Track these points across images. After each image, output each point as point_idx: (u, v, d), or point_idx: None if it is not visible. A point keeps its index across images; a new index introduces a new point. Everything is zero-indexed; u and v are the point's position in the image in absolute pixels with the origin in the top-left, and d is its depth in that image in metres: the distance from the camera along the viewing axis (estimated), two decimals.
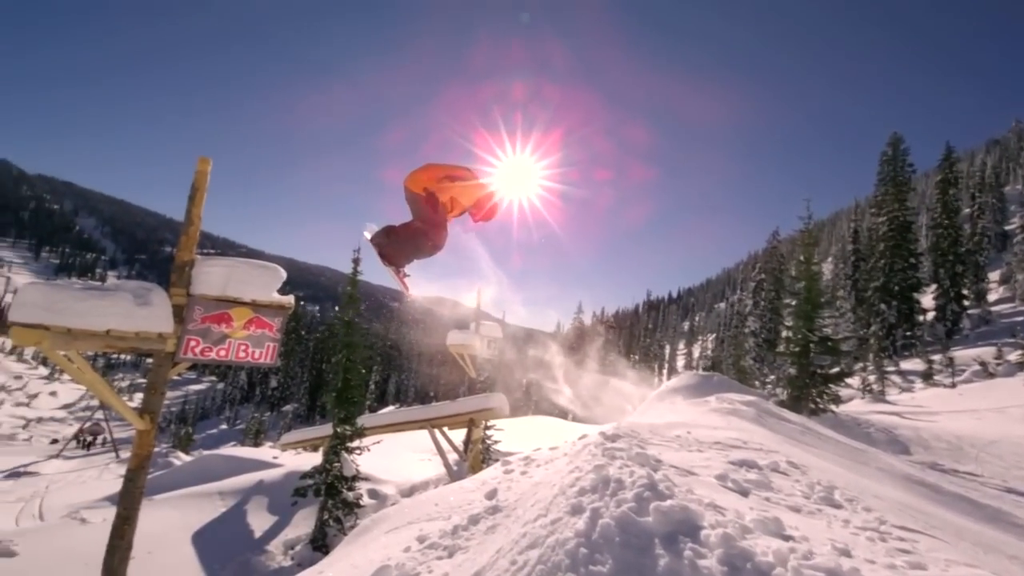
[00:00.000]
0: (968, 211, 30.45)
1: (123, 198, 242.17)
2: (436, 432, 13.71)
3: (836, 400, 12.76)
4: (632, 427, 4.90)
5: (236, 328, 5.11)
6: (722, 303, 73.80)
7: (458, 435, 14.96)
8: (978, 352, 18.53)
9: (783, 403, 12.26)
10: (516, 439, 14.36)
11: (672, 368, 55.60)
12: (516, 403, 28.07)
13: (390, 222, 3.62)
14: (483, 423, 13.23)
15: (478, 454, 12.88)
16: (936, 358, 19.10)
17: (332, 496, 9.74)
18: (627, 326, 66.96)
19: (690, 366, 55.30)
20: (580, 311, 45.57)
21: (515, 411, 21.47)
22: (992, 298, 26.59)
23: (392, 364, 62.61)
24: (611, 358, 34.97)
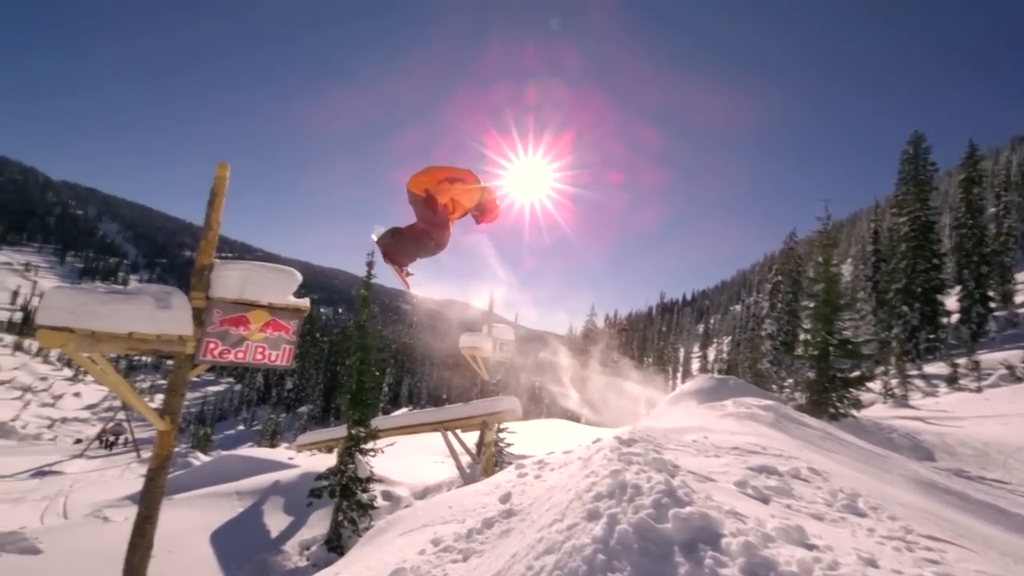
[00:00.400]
0: (993, 210, 29.59)
1: (144, 203, 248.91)
2: (449, 434, 13.75)
3: (857, 405, 12.47)
4: (647, 431, 4.84)
5: (253, 331, 5.20)
6: (737, 305, 72.87)
7: (471, 437, 14.98)
8: (1005, 355, 17.96)
9: (801, 407, 12.01)
10: (529, 442, 14.33)
11: (687, 371, 55.03)
12: (527, 406, 28.00)
13: (397, 224, 3.66)
14: (496, 426, 13.22)
15: (491, 457, 12.87)
16: (961, 361, 18.54)
17: (347, 497, 9.82)
18: (640, 329, 66.46)
19: (705, 369, 54.71)
20: (592, 313, 45.41)
21: (527, 414, 21.42)
22: (1019, 300, 25.78)
23: (405, 367, 63.08)
24: (624, 361, 34.71)
